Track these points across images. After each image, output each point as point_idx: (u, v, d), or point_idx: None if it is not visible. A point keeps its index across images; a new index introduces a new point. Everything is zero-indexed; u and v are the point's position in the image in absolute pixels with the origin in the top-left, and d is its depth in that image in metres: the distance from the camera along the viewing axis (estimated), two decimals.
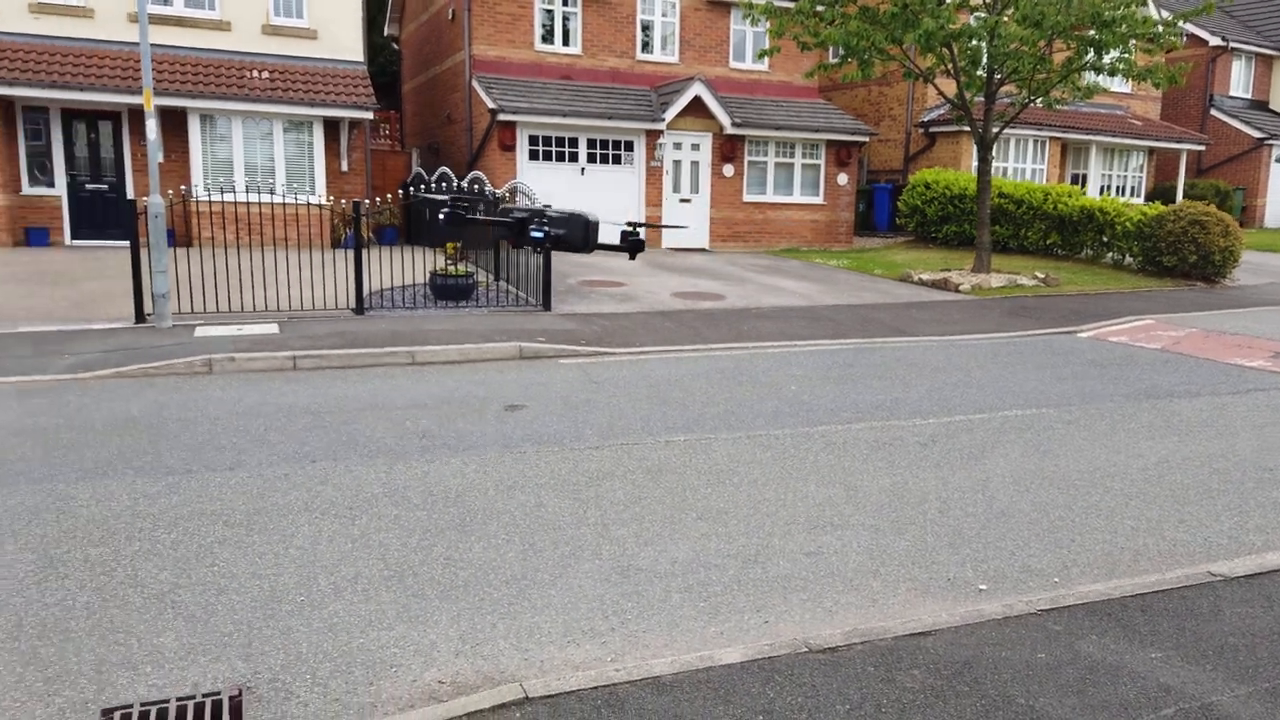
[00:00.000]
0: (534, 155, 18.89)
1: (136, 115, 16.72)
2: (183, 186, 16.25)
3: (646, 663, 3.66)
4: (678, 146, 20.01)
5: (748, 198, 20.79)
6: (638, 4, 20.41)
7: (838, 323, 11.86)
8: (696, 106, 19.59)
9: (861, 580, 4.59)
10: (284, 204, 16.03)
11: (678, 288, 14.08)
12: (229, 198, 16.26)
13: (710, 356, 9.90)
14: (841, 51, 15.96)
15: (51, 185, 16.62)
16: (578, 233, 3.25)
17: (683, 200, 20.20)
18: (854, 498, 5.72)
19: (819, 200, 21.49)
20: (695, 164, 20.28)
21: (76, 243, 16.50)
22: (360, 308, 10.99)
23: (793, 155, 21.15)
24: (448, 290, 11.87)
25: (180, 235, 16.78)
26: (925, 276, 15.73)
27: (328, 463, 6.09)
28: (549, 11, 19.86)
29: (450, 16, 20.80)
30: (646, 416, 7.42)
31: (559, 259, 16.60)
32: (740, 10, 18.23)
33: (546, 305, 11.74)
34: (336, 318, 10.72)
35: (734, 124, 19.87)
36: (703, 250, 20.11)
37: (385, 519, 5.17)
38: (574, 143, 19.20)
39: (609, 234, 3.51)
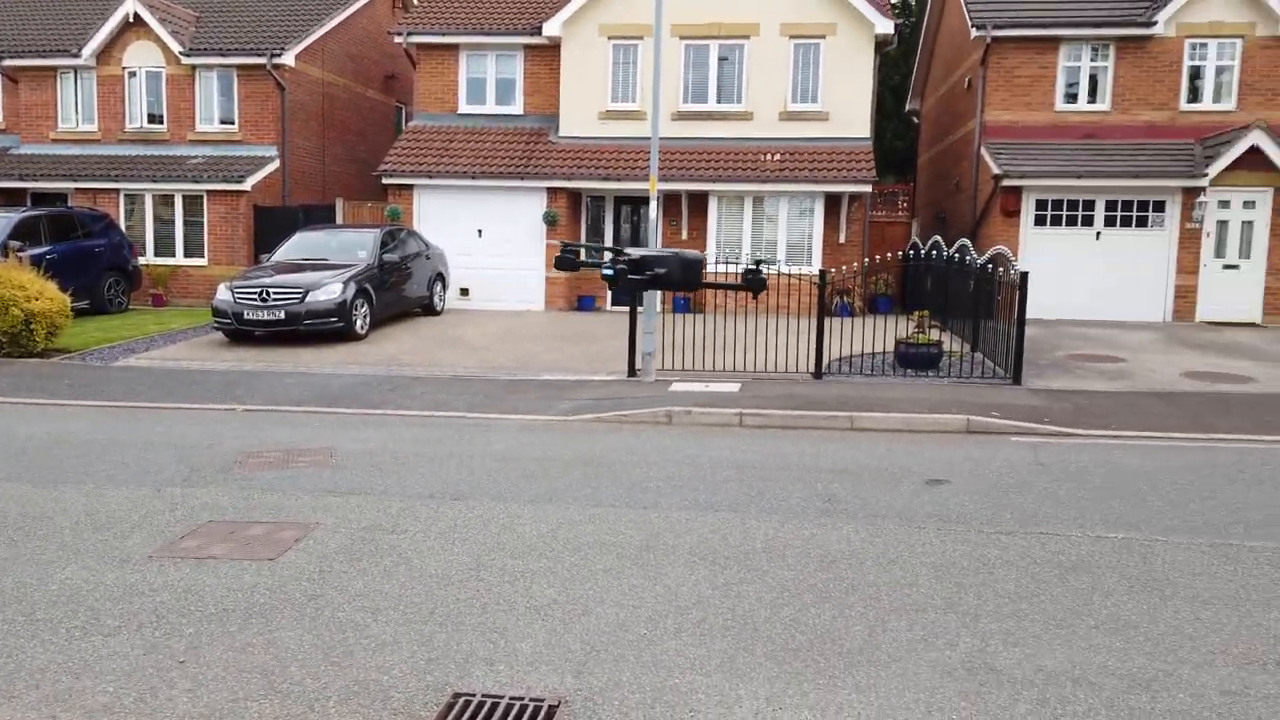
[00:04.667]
0: (1040, 220, 17.69)
1: (670, 199, 19.27)
2: None
3: None
4: (1224, 205, 17.18)
5: None
6: (1185, 49, 18.09)
7: None
8: (1253, 158, 16.71)
9: None
10: (782, 274, 17.15)
11: (1192, 366, 12.03)
12: (733, 268, 17.85)
13: (1205, 448, 8.31)
14: None
15: None
16: (675, 271, 3.17)
17: (1227, 266, 17.22)
18: None
19: None
20: (1247, 224, 17.19)
21: (614, 309, 19.40)
22: (818, 372, 11.30)
23: None
24: (912, 359, 11.63)
25: (694, 302, 18.82)
26: None
27: (727, 513, 6.40)
28: (1075, 69, 18.53)
29: (966, 86, 20.52)
30: (1084, 508, 6.51)
31: (1058, 331, 15.27)
32: None
33: (1017, 379, 10.87)
34: (795, 381, 11.15)
35: None
36: (1251, 325, 16.87)
37: (754, 572, 5.29)
38: (1089, 205, 17.57)
39: None
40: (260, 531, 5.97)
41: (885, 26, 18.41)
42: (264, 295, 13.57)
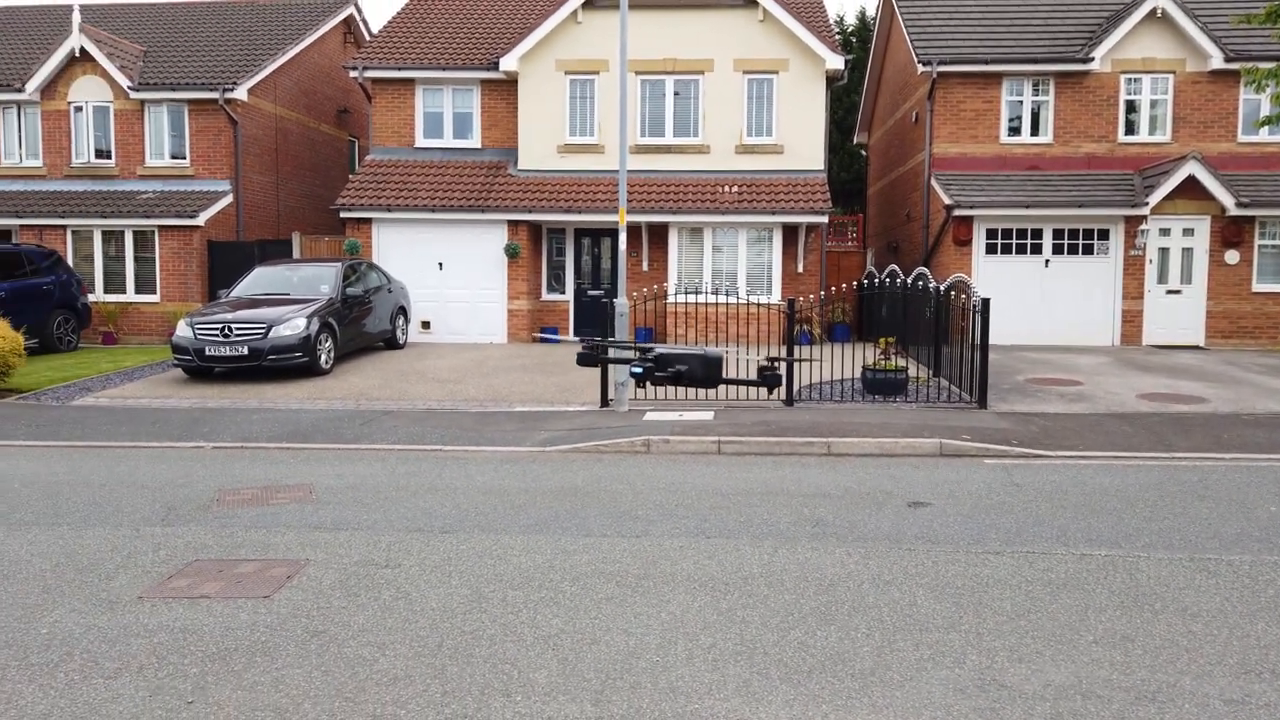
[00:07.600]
0: (991, 249, 18.19)
1: (631, 231, 19.38)
2: (654, 287, 18.44)
3: None
4: (1165, 233, 17.86)
5: (1258, 287, 17.75)
6: (1121, 84, 18.88)
7: None
8: (1190, 187, 17.39)
9: None
10: (744, 304, 17.39)
11: (1147, 388, 12.44)
12: (696, 299, 18.05)
13: (1169, 467, 8.60)
14: None
15: (562, 292, 19.91)
16: (697, 369, 3.42)
17: (1170, 292, 17.88)
18: None
19: None
20: (1187, 251, 17.89)
21: (576, 339, 19.45)
22: (790, 400, 11.44)
23: None
24: (878, 385, 11.85)
25: (657, 332, 18.94)
26: None
27: (720, 539, 6.45)
28: (1017, 103, 19.20)
29: (914, 119, 21.10)
30: (1065, 526, 6.69)
31: (1015, 356, 15.67)
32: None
33: (982, 403, 11.13)
34: (767, 408, 11.27)
35: (1239, 204, 17.25)
36: (1195, 348, 17.52)
37: (755, 597, 5.34)
38: (1037, 234, 18.12)
39: None
40: (251, 569, 5.86)
41: (836, 62, 18.90)
42: (226, 331, 13.35)
